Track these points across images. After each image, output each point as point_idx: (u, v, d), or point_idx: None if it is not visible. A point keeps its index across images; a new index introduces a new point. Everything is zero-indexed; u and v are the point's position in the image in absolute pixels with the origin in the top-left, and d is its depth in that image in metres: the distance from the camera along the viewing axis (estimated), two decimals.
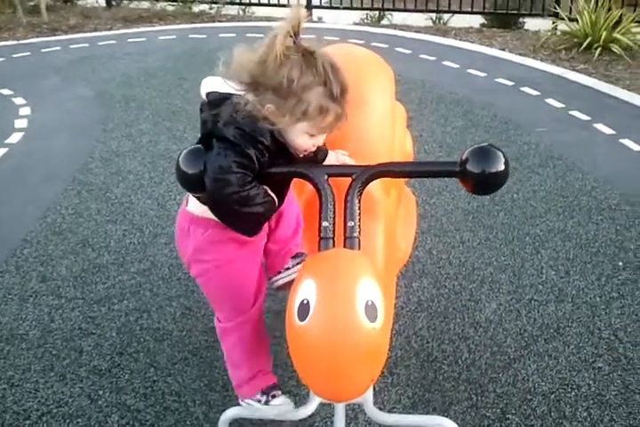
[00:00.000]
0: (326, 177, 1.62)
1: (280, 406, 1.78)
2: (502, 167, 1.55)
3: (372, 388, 1.72)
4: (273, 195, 1.61)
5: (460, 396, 2.27)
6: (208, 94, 1.65)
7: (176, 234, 1.84)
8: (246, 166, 1.51)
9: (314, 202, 1.67)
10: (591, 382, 2.31)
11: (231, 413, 1.73)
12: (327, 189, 1.60)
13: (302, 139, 1.58)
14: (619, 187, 3.64)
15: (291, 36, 1.48)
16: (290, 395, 2.07)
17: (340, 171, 1.69)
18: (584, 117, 4.66)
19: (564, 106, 4.88)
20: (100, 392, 2.31)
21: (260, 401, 1.77)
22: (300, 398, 2.13)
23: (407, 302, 2.73)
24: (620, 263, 2.97)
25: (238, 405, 1.93)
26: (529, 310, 2.68)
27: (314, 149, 1.65)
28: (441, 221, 3.35)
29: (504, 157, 1.56)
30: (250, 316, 1.81)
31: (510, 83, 5.42)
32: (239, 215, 1.58)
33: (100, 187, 3.80)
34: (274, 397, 1.78)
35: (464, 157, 1.57)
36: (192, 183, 1.59)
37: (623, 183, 3.69)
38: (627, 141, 4.23)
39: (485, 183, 1.59)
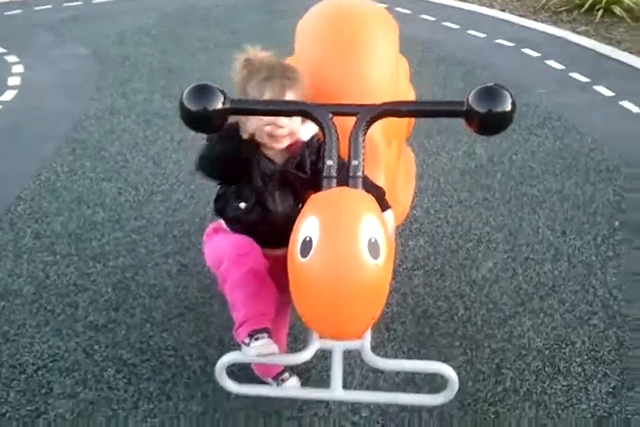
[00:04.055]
0: (330, 115, 1.59)
1: (259, 347, 1.72)
2: (509, 107, 1.52)
3: (369, 333, 1.71)
4: None
5: (455, 351, 2.28)
6: None
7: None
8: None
9: None
10: (586, 339, 2.32)
11: (227, 358, 1.72)
12: (331, 127, 1.57)
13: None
14: (617, 148, 3.62)
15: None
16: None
17: (345, 109, 1.66)
18: (584, 79, 4.61)
19: (564, 68, 4.83)
20: (96, 347, 2.32)
21: (247, 344, 1.75)
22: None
23: (404, 260, 2.73)
24: (617, 223, 2.97)
25: None
26: (525, 269, 2.68)
27: (275, 131, 1.71)
28: (438, 181, 3.33)
29: (511, 96, 1.53)
30: (250, 257, 1.79)
31: (510, 44, 5.34)
32: None
33: (94, 145, 3.75)
34: (257, 339, 1.75)
35: (470, 97, 1.53)
36: (195, 121, 1.57)
37: (622, 145, 3.66)
38: (626, 103, 4.20)
39: (491, 123, 1.55)
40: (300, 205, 1.79)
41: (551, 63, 4.92)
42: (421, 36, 5.42)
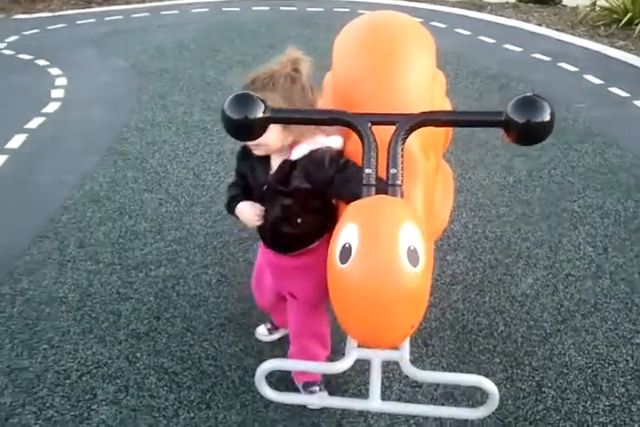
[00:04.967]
0: (370, 124, 1.61)
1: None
2: (548, 118, 1.51)
3: (408, 345, 1.71)
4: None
5: (495, 368, 2.26)
6: None
7: None
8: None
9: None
10: (629, 358, 2.29)
11: (267, 365, 1.73)
12: (370, 136, 1.59)
13: None
14: None
15: None
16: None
17: (384, 119, 1.67)
18: (623, 94, 4.57)
19: (602, 82, 4.79)
20: (138, 355, 2.35)
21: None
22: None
23: (442, 275, 2.72)
24: None
25: None
26: (566, 286, 2.66)
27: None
28: (477, 196, 3.33)
29: (550, 107, 1.52)
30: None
31: (547, 58, 5.32)
32: None
33: (135, 156, 3.83)
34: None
35: (509, 107, 1.54)
36: (237, 129, 1.60)
37: None
38: None
39: (530, 134, 1.55)
40: (295, 218, 1.87)
41: (589, 78, 4.89)
42: (457, 50, 5.43)
